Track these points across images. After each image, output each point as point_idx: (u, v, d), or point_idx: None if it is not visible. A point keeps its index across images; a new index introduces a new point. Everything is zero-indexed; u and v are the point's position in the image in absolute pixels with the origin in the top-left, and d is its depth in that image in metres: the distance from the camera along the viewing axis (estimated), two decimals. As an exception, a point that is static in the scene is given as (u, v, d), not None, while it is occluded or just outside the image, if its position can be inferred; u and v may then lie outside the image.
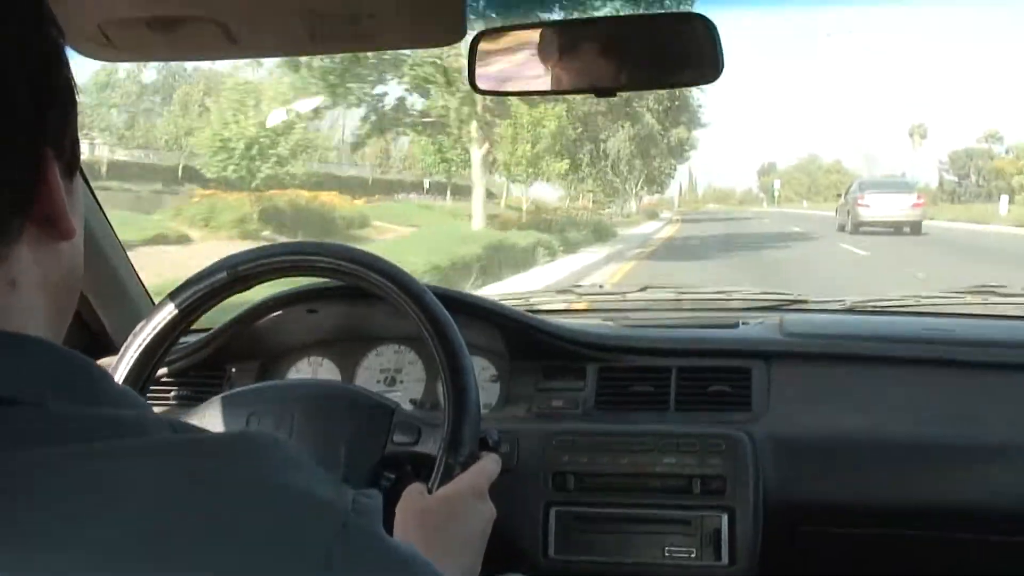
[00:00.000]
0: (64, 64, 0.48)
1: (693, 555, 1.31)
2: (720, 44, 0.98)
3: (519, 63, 1.06)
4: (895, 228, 20.23)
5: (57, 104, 0.47)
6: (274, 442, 0.44)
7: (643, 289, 1.91)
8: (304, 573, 0.37)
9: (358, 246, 1.18)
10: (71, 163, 0.49)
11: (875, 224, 20.33)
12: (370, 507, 0.44)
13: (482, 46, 1.06)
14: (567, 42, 1.08)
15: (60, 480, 0.38)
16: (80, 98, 0.50)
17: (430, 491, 0.95)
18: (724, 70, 0.95)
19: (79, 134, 0.51)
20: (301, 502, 0.41)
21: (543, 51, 1.04)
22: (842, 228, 22.00)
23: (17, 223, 0.45)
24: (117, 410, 0.44)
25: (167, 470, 0.39)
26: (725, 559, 1.30)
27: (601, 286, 2.02)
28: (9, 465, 0.38)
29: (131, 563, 0.36)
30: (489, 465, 0.99)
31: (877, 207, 20.46)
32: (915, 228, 20.46)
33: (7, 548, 0.35)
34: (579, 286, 1.99)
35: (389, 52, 13.09)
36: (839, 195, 29.50)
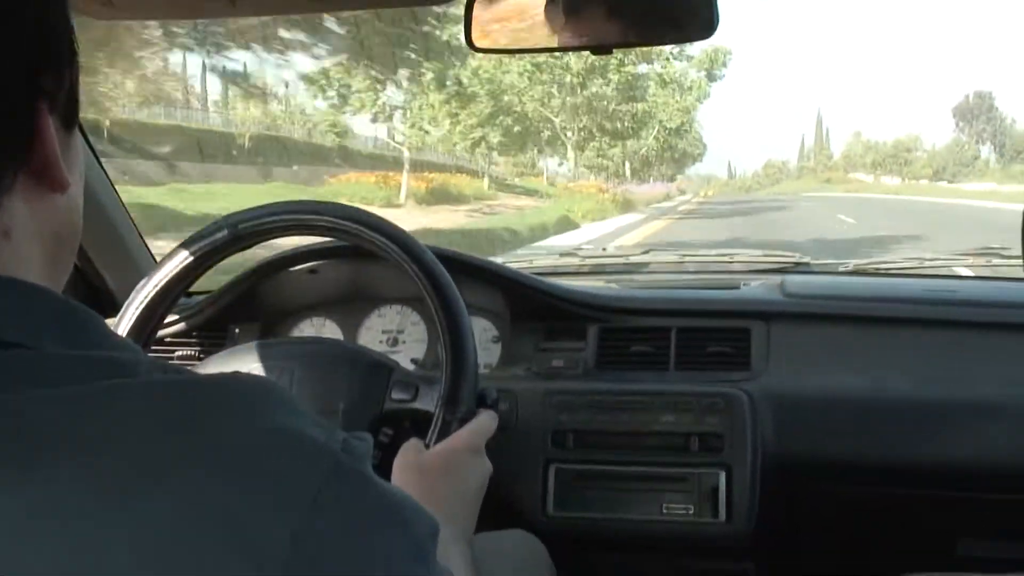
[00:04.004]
0: (63, 16, 0.47)
1: (691, 512, 1.32)
2: (716, 2, 0.97)
3: (515, 21, 1.05)
4: None
5: (52, 57, 0.47)
6: (266, 385, 0.45)
7: (646, 251, 1.92)
8: (291, 512, 0.38)
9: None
10: (68, 116, 0.49)
11: None
12: (360, 449, 0.44)
13: (478, 4, 1.06)
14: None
15: (52, 420, 0.38)
16: None
17: (427, 447, 0.96)
18: (718, 29, 0.94)
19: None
20: (290, 442, 0.41)
21: (538, 8, 1.03)
22: None
23: (10, 174, 0.46)
24: (112, 353, 0.45)
25: (158, 407, 0.40)
26: (723, 516, 1.31)
27: (604, 248, 2.03)
28: (4, 406, 0.38)
29: (120, 497, 0.36)
30: (486, 422, 1.00)
31: None
32: None
33: (3, 487, 0.36)
34: (581, 248, 2.00)
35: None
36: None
